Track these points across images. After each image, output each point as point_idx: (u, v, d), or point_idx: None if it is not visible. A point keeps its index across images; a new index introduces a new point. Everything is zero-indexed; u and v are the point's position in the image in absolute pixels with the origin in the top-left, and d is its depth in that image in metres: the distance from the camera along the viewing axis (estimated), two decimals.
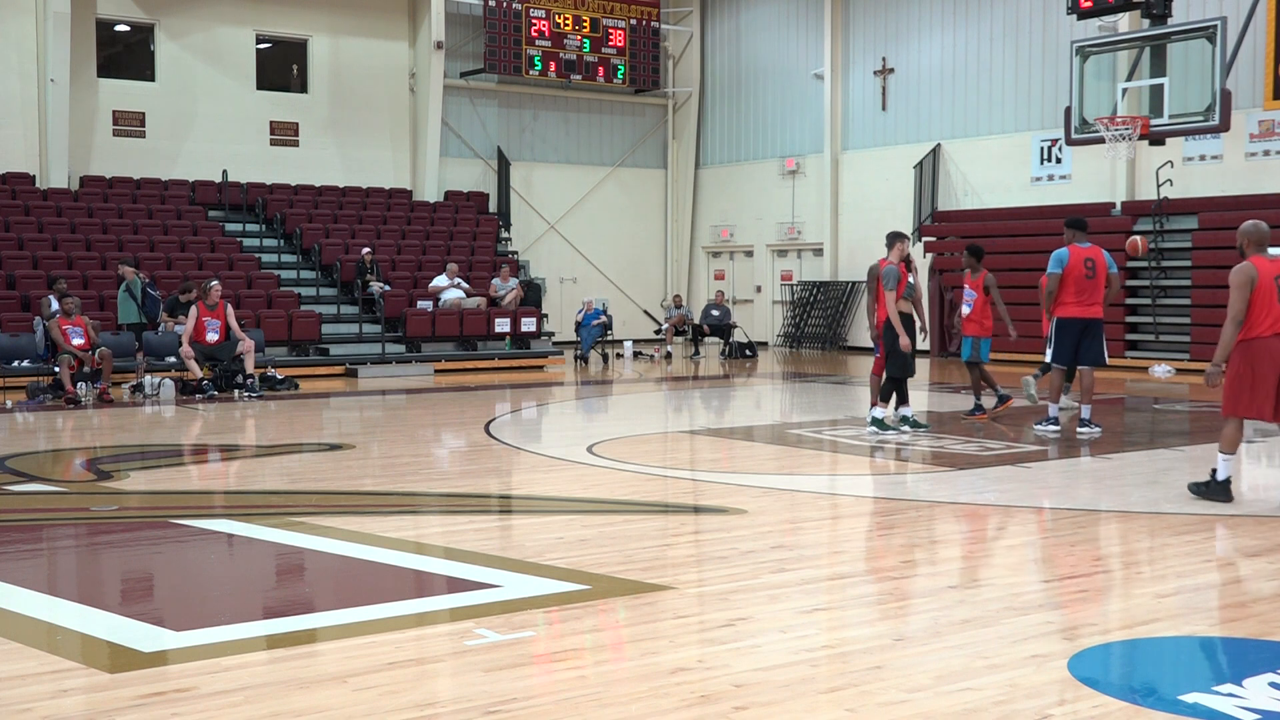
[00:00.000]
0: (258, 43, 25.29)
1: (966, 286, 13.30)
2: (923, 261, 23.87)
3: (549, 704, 4.25)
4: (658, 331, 27.44)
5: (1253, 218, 8.48)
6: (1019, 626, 5.28)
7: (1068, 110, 19.88)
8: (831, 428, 12.77)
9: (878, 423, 11.77)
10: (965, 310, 13.23)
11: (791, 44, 28.04)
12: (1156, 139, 19.35)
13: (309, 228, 22.99)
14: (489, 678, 4.52)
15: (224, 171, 23.70)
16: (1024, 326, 14.67)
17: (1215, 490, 8.13)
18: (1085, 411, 11.77)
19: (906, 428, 11.80)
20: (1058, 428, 11.63)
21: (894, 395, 12.13)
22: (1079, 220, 11.89)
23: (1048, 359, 11.94)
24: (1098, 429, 11.66)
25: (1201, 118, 18.33)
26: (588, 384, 19.34)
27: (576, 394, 17.91)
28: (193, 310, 16.68)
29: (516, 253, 26.01)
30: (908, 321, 11.75)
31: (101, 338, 16.45)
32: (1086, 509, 8.10)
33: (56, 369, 15.33)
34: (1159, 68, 18.89)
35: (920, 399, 14.95)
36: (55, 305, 16.49)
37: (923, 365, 18.93)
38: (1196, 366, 19.81)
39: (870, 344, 13.81)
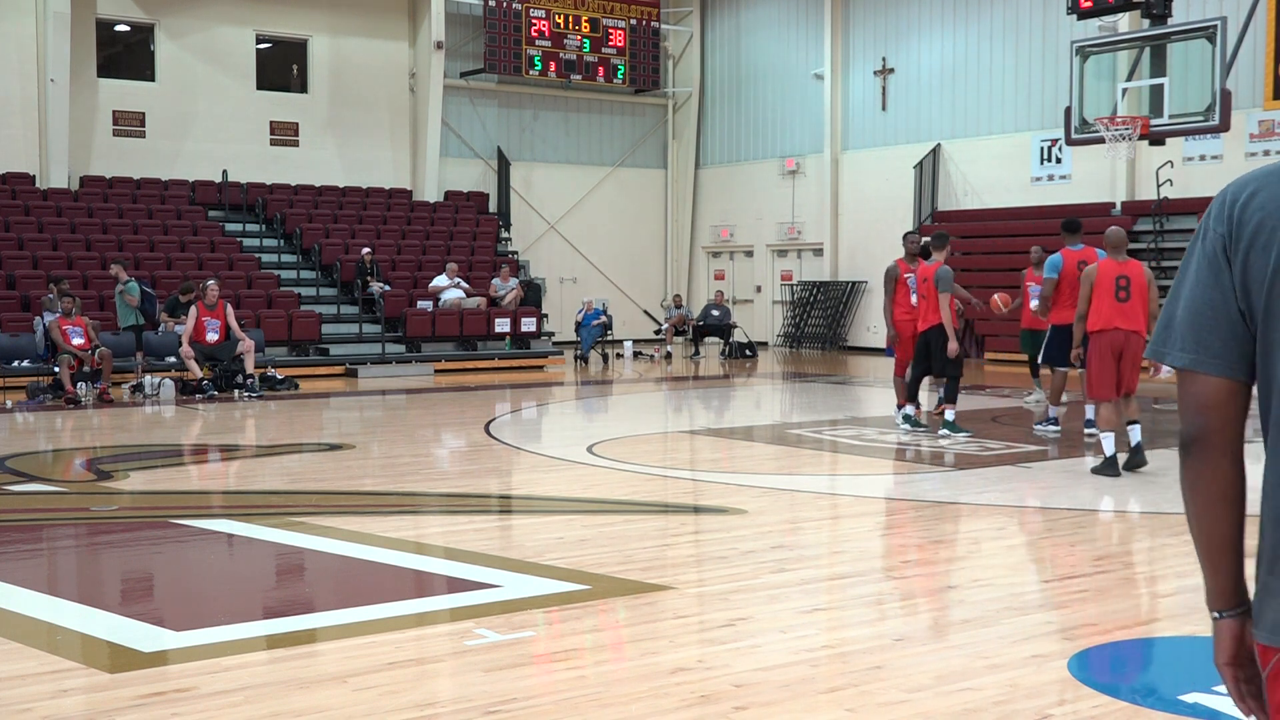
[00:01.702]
0: (258, 43, 25.29)
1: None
2: None
3: (549, 704, 4.25)
4: (658, 331, 27.43)
5: None
6: (1019, 626, 5.28)
7: (1068, 110, 19.86)
8: (831, 428, 12.77)
9: (950, 425, 11.42)
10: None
11: (791, 44, 28.04)
12: (1156, 139, 19.33)
13: (309, 228, 22.99)
14: (489, 678, 4.52)
15: (224, 171, 23.70)
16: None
17: (1106, 466, 9.15)
18: (1053, 411, 11.80)
19: (908, 425, 11.74)
20: (1058, 428, 11.62)
21: (899, 393, 12.14)
22: (1071, 222, 11.98)
23: (1041, 359, 12.12)
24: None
25: (1201, 118, 18.31)
26: (588, 384, 19.34)
27: (576, 394, 17.91)
28: (192, 310, 16.67)
29: (516, 253, 26.01)
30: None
31: (101, 338, 16.44)
32: (1086, 509, 8.10)
33: (56, 369, 15.33)
34: (1159, 68, 18.87)
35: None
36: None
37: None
38: None
39: (873, 345, 13.85)
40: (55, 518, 8.17)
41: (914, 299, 12.07)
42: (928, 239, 12.14)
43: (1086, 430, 11.45)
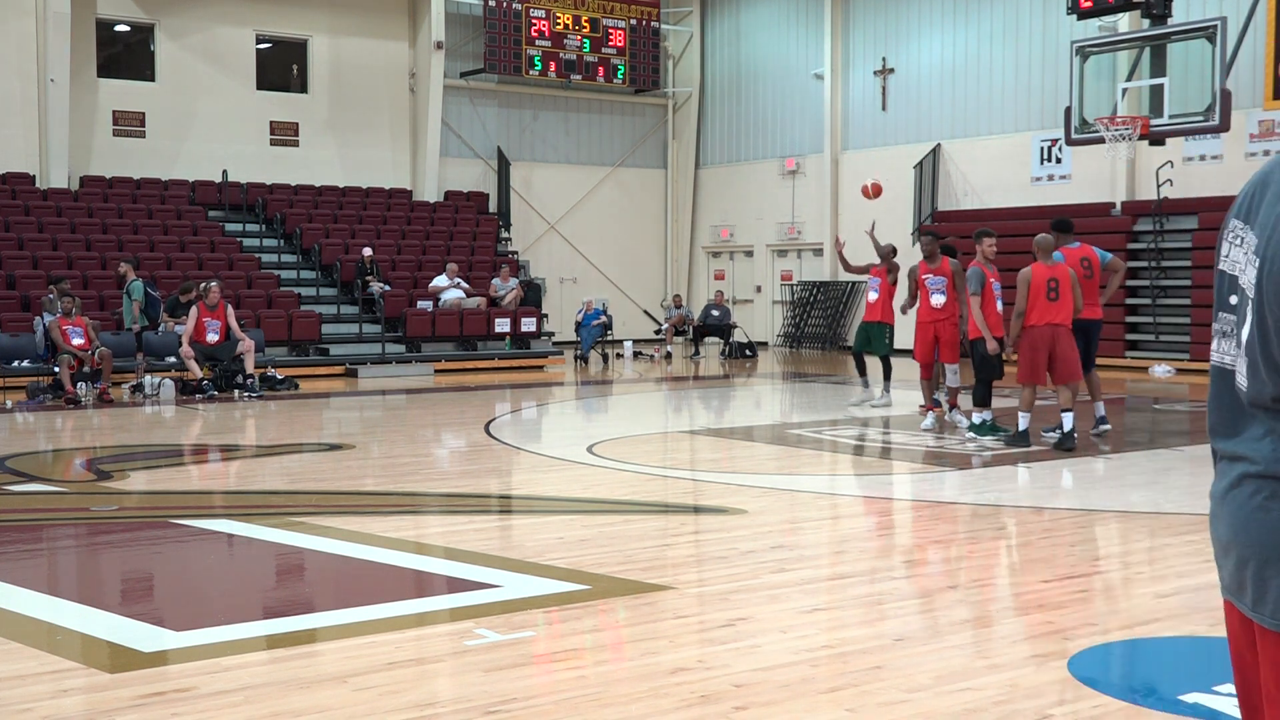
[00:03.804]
0: (258, 43, 25.29)
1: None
2: None
3: (549, 704, 4.25)
4: (658, 331, 27.43)
5: None
6: (1019, 626, 5.28)
7: (1068, 110, 19.87)
8: (831, 428, 12.77)
9: (975, 428, 11.28)
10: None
11: (791, 44, 28.04)
12: (1156, 139, 19.35)
13: (309, 228, 22.99)
14: (489, 678, 4.52)
15: (224, 171, 23.70)
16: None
17: (1018, 439, 10.66)
18: (1100, 409, 11.41)
19: (971, 433, 11.38)
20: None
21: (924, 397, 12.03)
22: (1064, 222, 11.72)
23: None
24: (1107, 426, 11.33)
25: (1201, 118, 18.33)
26: (588, 384, 19.34)
27: (576, 394, 17.91)
28: (193, 310, 16.68)
29: (516, 253, 26.01)
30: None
31: (102, 338, 16.45)
32: (1086, 509, 8.10)
33: (56, 369, 15.33)
34: (1159, 68, 18.89)
35: (903, 399, 14.92)
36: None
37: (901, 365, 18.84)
38: (1197, 366, 19.80)
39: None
40: (55, 518, 8.17)
41: (934, 300, 11.98)
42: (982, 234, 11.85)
43: (1094, 431, 11.30)
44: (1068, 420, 10.50)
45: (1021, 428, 10.68)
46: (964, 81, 24.79)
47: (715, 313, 25.43)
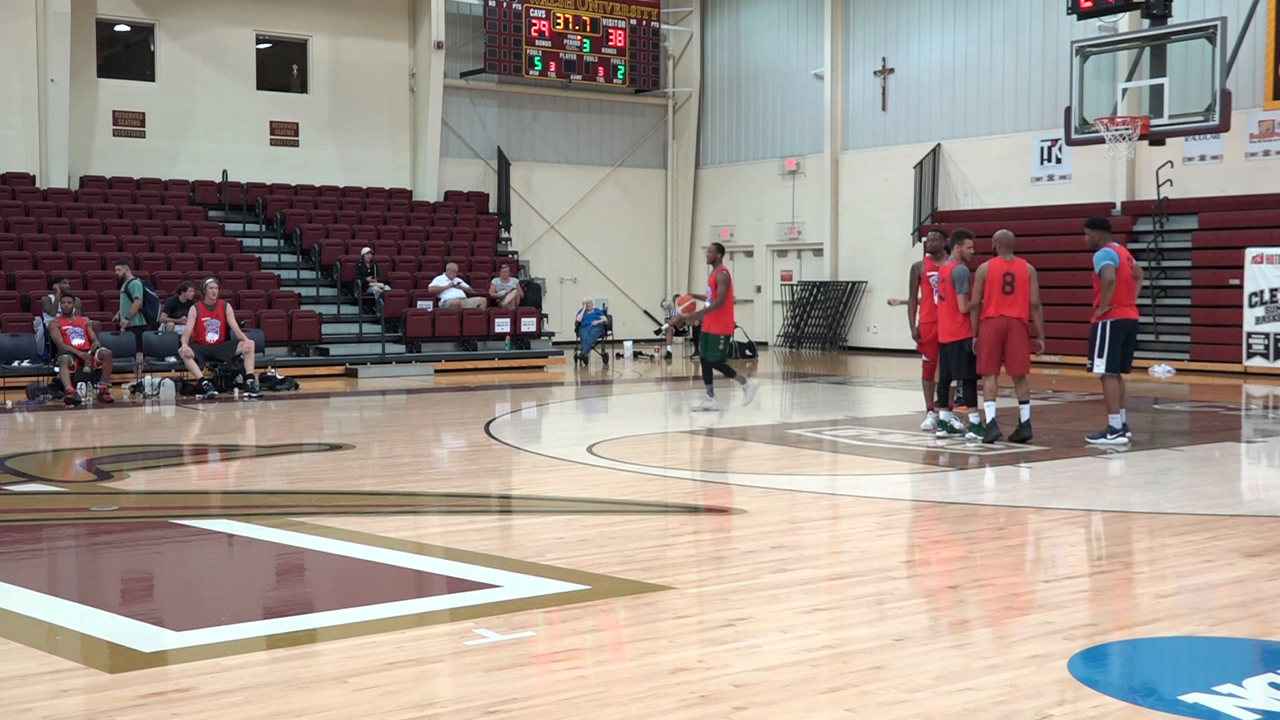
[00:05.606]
0: (258, 43, 25.29)
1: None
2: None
3: (549, 704, 4.25)
4: (658, 332, 27.43)
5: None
6: (1019, 626, 5.28)
7: (1068, 110, 19.88)
8: (831, 428, 12.77)
9: (975, 428, 11.13)
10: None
11: (791, 44, 28.05)
12: (1156, 139, 19.37)
13: (309, 228, 22.99)
14: (489, 678, 4.52)
15: (224, 171, 23.70)
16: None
17: (987, 430, 10.84)
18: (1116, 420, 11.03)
19: (943, 431, 11.39)
20: (1125, 438, 10.85)
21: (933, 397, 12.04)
22: (1103, 220, 11.25)
23: (1100, 369, 10.90)
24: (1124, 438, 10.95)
25: (1201, 118, 18.35)
26: (588, 384, 19.34)
27: (576, 394, 17.91)
28: (192, 310, 16.68)
29: (516, 253, 26.02)
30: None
31: (101, 338, 16.45)
32: (1086, 509, 8.10)
33: (56, 369, 15.33)
34: (1159, 68, 18.91)
35: (903, 399, 14.92)
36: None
37: (901, 364, 18.79)
38: (1197, 366, 19.81)
39: (873, 345, 13.90)
40: (55, 518, 8.17)
41: (936, 299, 11.79)
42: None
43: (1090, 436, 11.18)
44: (1025, 411, 10.95)
45: (989, 418, 10.86)
46: (964, 81, 24.80)
47: None
